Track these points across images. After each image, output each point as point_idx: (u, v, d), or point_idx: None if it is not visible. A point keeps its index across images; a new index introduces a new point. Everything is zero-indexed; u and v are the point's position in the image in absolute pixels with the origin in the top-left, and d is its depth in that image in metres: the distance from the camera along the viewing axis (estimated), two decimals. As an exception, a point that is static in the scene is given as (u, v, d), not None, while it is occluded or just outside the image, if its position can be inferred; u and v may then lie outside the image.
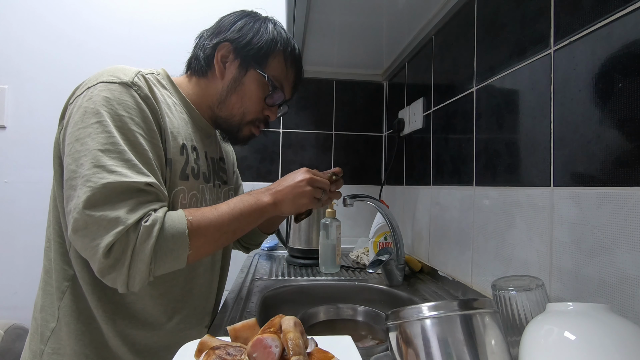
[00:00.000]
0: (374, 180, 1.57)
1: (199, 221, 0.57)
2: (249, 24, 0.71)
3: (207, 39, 0.72)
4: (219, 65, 0.70)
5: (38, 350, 0.61)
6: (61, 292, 0.60)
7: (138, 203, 0.52)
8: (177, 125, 0.65)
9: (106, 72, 0.58)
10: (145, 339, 0.63)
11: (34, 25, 1.43)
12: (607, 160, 0.48)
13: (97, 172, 0.50)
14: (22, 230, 1.41)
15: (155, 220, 0.52)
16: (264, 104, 0.74)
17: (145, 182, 0.53)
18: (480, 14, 0.81)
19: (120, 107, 0.55)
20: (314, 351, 0.39)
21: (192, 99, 0.72)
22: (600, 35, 0.49)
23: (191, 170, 0.66)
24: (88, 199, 0.49)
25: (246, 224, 0.64)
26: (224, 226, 0.60)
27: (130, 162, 0.53)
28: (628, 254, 0.45)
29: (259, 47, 0.69)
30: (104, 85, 0.56)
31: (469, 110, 0.83)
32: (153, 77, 0.65)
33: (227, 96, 0.71)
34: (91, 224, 0.49)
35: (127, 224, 0.50)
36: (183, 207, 0.64)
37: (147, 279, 0.53)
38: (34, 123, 1.42)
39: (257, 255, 1.34)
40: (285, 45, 0.73)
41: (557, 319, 0.38)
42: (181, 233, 0.54)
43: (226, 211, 0.61)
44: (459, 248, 0.87)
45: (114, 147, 0.52)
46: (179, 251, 0.54)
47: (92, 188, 0.50)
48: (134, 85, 0.58)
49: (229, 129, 0.75)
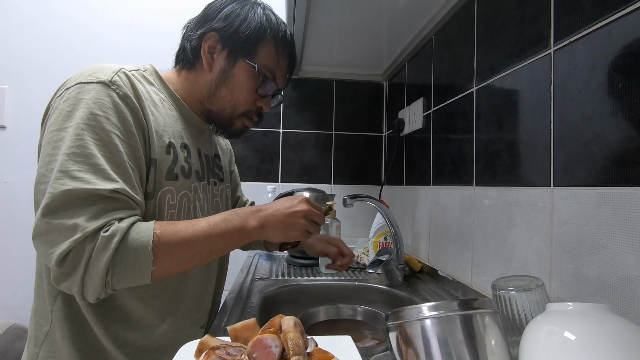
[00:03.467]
0: (374, 180, 1.57)
1: (168, 237, 0.53)
2: (235, 11, 0.67)
3: (193, 29, 0.69)
4: (207, 56, 0.67)
5: (34, 353, 0.60)
6: (53, 296, 0.59)
7: (100, 211, 0.50)
8: (163, 123, 0.63)
9: (85, 72, 0.57)
10: (138, 341, 0.62)
11: (34, 26, 1.43)
12: (607, 160, 0.48)
13: (59, 178, 0.49)
14: (22, 230, 1.40)
15: (116, 230, 0.49)
16: (256, 95, 0.70)
17: (111, 188, 0.50)
18: (480, 14, 0.81)
19: (95, 107, 0.53)
20: (314, 351, 0.39)
21: (181, 94, 0.70)
22: (600, 35, 0.49)
23: (181, 169, 0.64)
24: (47, 206, 0.48)
25: (225, 246, 0.59)
26: (197, 246, 0.56)
27: (97, 166, 0.50)
28: (628, 254, 0.45)
29: (247, 35, 0.66)
30: (81, 86, 0.54)
31: (469, 110, 0.83)
32: (138, 74, 0.63)
33: (217, 89, 0.68)
34: (51, 231, 0.48)
35: (84, 232, 0.48)
36: (171, 207, 0.62)
37: (103, 291, 0.50)
38: (34, 123, 1.41)
39: (257, 255, 1.34)
40: (276, 32, 0.69)
41: (557, 319, 0.38)
42: (144, 247, 0.51)
43: (203, 229, 0.56)
44: (459, 248, 0.87)
45: (81, 151, 0.50)
46: (140, 266, 0.51)
47: (52, 194, 0.48)
48: (113, 84, 0.56)
49: (221, 123, 0.72)
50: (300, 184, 1.52)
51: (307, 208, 0.64)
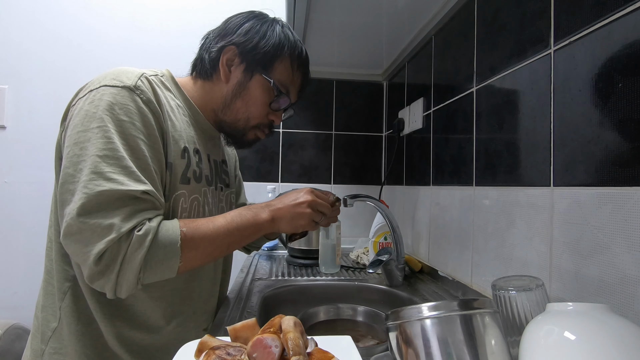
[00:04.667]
0: (374, 180, 1.57)
1: (192, 233, 0.57)
2: (255, 27, 0.69)
3: (212, 40, 0.70)
4: (224, 68, 0.69)
5: (39, 349, 0.61)
6: (62, 292, 0.61)
7: (133, 211, 0.52)
8: (179, 128, 0.65)
9: (109, 74, 0.58)
10: (143, 340, 0.63)
11: (34, 26, 1.43)
12: (607, 160, 0.48)
13: (94, 179, 0.50)
14: (22, 230, 1.41)
15: (148, 229, 0.52)
16: (269, 109, 0.72)
17: (142, 190, 0.53)
18: (480, 14, 0.81)
19: (121, 112, 0.55)
20: (314, 351, 0.39)
21: (196, 101, 0.72)
22: (600, 35, 0.49)
23: (193, 173, 0.66)
24: (83, 206, 0.49)
25: (242, 238, 0.63)
26: (218, 240, 0.60)
27: (128, 169, 0.53)
28: (628, 254, 0.45)
29: (266, 51, 0.68)
30: (107, 88, 0.56)
31: (468, 110, 0.83)
32: (157, 79, 0.65)
33: (232, 101, 0.70)
34: (85, 230, 0.49)
35: (120, 232, 0.50)
36: (184, 211, 0.64)
37: (135, 287, 0.53)
38: (34, 123, 1.42)
39: (257, 255, 1.34)
40: (293, 49, 0.71)
41: (557, 319, 0.38)
42: (173, 244, 0.54)
43: (222, 224, 0.60)
44: (459, 248, 0.87)
45: (113, 154, 0.52)
46: (170, 262, 0.54)
47: (87, 195, 0.49)
48: (137, 89, 0.57)
49: (234, 134, 0.75)
50: (301, 184, 1.52)
51: (312, 198, 0.68)
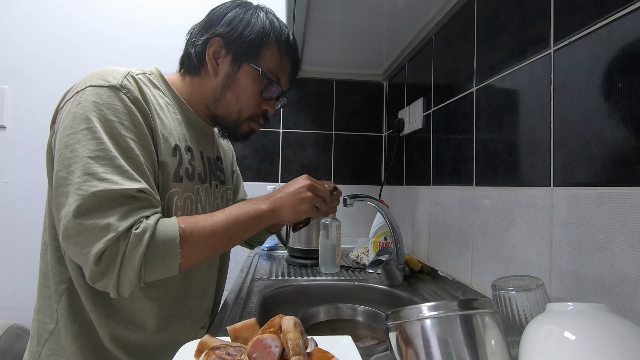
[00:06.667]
0: (374, 180, 1.57)
1: (191, 229, 0.56)
2: (239, 16, 0.68)
3: (197, 34, 0.69)
4: (212, 61, 0.68)
5: (36, 351, 0.61)
6: (58, 294, 0.60)
7: (129, 210, 0.52)
8: (169, 126, 0.64)
9: (95, 75, 0.57)
10: (140, 340, 0.63)
11: (34, 26, 1.43)
12: (607, 160, 0.48)
13: (87, 180, 0.50)
14: (22, 230, 1.41)
15: (146, 227, 0.52)
16: (261, 99, 0.71)
17: (137, 188, 0.53)
18: (480, 14, 0.81)
19: (109, 112, 0.54)
20: (314, 351, 0.39)
21: (186, 98, 0.71)
22: (600, 35, 0.49)
23: (185, 171, 0.65)
24: (78, 207, 0.49)
25: (242, 231, 0.63)
26: (218, 234, 0.59)
27: (121, 168, 0.52)
28: (628, 254, 0.45)
29: (251, 39, 0.67)
30: (93, 89, 0.55)
31: (468, 110, 0.83)
32: (145, 77, 0.64)
33: (222, 93, 0.69)
34: (82, 232, 0.49)
35: (117, 231, 0.50)
36: (177, 209, 0.63)
37: (137, 285, 0.53)
38: (34, 123, 1.42)
39: (257, 255, 1.34)
40: (279, 35, 0.69)
41: (557, 319, 0.38)
42: (172, 241, 0.54)
43: (221, 219, 0.60)
44: (459, 248, 0.87)
45: (104, 154, 0.52)
46: (170, 259, 0.54)
47: (82, 196, 0.49)
48: (123, 88, 0.57)
49: (228, 126, 0.74)
50: (300, 184, 1.51)
51: (311, 182, 0.69)
